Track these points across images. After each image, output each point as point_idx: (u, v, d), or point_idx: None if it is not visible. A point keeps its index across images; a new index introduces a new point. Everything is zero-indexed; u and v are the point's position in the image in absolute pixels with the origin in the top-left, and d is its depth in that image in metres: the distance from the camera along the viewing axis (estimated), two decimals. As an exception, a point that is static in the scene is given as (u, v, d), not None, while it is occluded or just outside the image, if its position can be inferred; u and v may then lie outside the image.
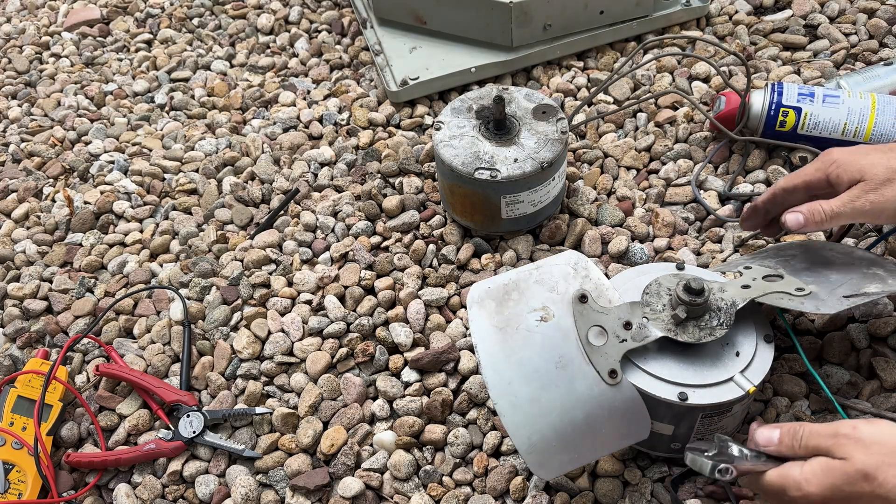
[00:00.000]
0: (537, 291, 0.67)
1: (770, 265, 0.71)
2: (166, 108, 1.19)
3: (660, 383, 0.63)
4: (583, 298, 0.65)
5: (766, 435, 0.56)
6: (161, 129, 1.14)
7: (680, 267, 0.70)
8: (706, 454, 0.56)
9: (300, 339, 0.83)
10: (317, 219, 0.96)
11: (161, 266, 0.94)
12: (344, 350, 0.82)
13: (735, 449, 0.56)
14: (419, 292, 0.86)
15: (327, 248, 0.92)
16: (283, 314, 0.86)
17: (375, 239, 0.92)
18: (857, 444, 0.51)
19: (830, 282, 0.66)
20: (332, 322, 0.84)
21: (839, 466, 0.51)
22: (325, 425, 0.77)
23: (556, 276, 0.68)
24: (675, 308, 0.64)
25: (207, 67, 1.24)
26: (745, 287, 0.66)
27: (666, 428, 0.66)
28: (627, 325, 0.64)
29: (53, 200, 1.05)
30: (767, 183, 0.91)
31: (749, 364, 0.64)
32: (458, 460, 0.74)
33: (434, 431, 0.75)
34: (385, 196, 0.96)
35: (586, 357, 0.63)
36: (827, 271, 0.68)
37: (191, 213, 1.00)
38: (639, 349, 0.64)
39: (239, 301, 0.87)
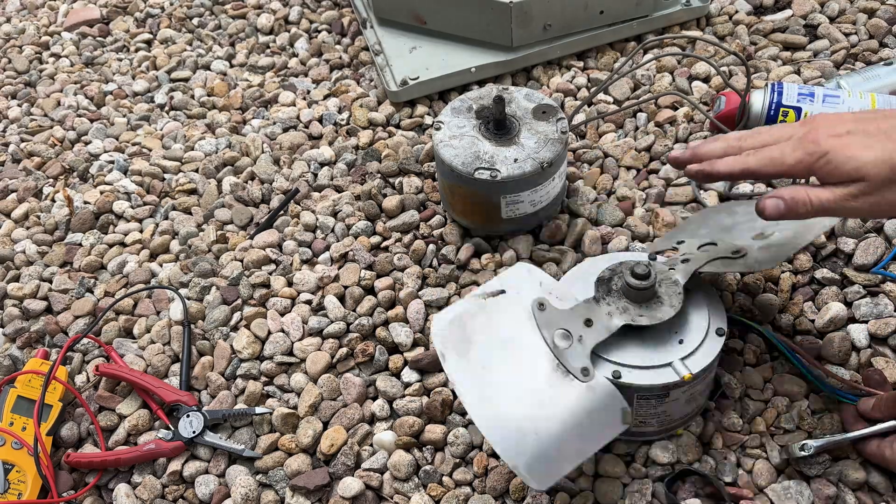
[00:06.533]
0: (501, 306, 0.67)
1: (703, 234, 0.73)
2: (166, 108, 1.19)
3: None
4: (541, 306, 0.66)
5: (867, 402, 0.68)
6: (161, 129, 1.14)
7: (652, 258, 0.72)
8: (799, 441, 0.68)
9: (300, 339, 0.83)
10: (317, 219, 0.96)
11: (161, 266, 0.94)
12: (344, 350, 0.82)
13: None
14: (419, 292, 0.85)
15: (327, 248, 0.92)
16: (283, 314, 0.86)
17: (375, 239, 0.92)
18: None
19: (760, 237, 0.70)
20: (332, 322, 0.84)
21: None
22: (325, 425, 0.77)
23: (515, 282, 0.68)
24: (627, 295, 0.66)
25: (207, 67, 1.24)
26: (685, 261, 0.68)
27: None
28: (588, 322, 0.66)
29: (53, 200, 1.05)
30: (767, 182, 0.90)
31: (692, 353, 0.65)
32: (458, 460, 0.74)
33: (434, 431, 0.75)
34: (385, 196, 0.96)
35: (558, 361, 0.64)
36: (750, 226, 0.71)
37: (191, 213, 1.00)
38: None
39: (239, 301, 0.87)
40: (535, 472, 0.60)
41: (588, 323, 0.65)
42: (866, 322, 0.76)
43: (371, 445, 0.76)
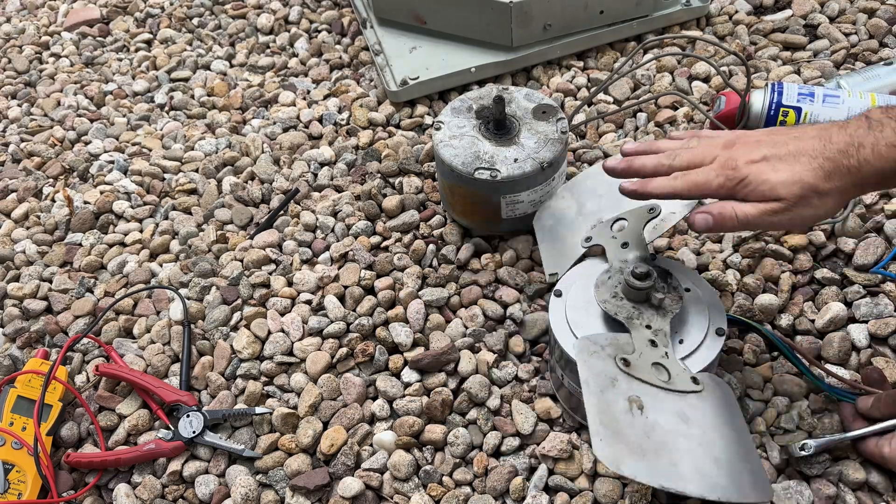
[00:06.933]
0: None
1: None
2: (166, 108, 1.19)
3: None
4: (652, 210, 0.73)
5: (866, 400, 0.69)
6: (161, 129, 1.14)
7: (653, 257, 0.73)
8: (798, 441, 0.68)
9: (300, 339, 0.83)
10: (317, 219, 0.96)
11: (161, 266, 0.94)
12: (344, 350, 0.82)
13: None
14: (419, 292, 0.85)
15: (327, 248, 0.92)
16: (282, 314, 0.86)
17: (375, 239, 0.92)
18: None
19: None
20: (332, 322, 0.84)
21: None
22: (325, 425, 0.77)
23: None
24: (620, 288, 0.69)
25: (207, 67, 1.24)
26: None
27: None
28: (625, 245, 0.73)
29: (53, 200, 1.05)
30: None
31: (692, 353, 0.66)
32: (458, 460, 0.74)
33: (434, 431, 0.75)
34: (385, 196, 0.96)
35: (594, 222, 0.78)
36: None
37: (191, 213, 1.00)
38: (584, 323, 0.69)
39: (239, 301, 0.87)
40: (542, 223, 0.85)
41: (624, 245, 0.73)
42: (866, 322, 0.76)
43: (371, 445, 0.76)
